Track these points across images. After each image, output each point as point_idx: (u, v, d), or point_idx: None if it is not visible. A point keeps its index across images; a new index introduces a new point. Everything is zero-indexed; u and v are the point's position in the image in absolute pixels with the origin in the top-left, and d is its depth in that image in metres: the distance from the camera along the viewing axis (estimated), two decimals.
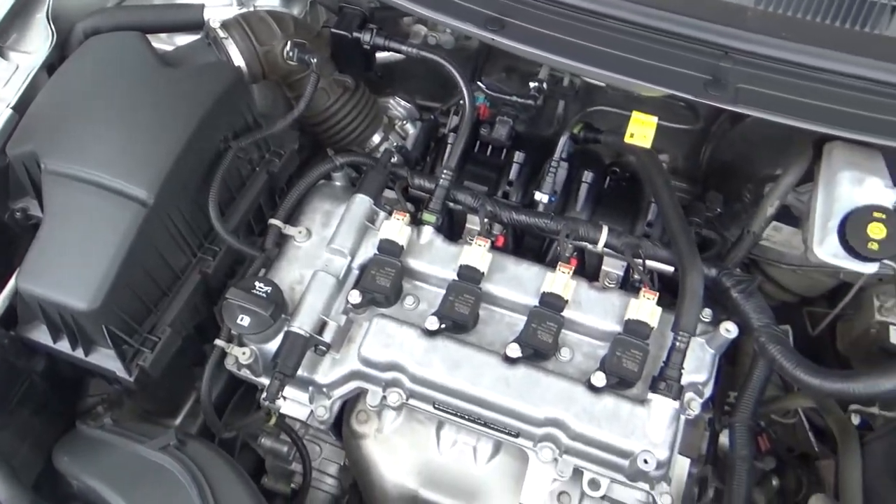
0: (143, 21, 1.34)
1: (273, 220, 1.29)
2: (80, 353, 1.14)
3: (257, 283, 1.18)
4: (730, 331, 1.18)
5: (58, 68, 1.25)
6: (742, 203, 1.59)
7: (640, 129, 1.27)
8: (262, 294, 1.17)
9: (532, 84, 1.44)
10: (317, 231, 1.31)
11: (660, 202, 1.29)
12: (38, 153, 1.13)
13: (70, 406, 1.27)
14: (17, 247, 1.19)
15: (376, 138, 1.50)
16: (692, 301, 1.16)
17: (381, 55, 1.62)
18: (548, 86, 1.57)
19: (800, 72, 1.13)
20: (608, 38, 1.17)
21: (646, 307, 1.17)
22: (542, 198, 1.35)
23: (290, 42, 1.30)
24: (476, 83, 1.47)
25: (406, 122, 1.56)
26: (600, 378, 1.14)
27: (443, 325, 1.19)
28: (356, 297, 1.21)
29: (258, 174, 1.34)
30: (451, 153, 1.32)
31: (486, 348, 1.21)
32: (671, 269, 1.29)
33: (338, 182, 1.38)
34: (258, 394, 1.21)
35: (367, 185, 1.30)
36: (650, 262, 1.30)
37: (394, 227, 1.24)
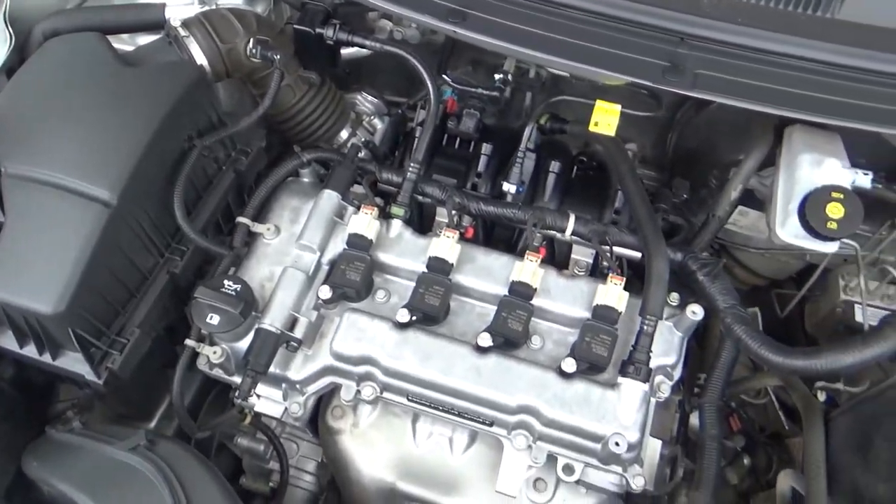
0: (102, 22, 1.33)
1: (241, 218, 1.28)
2: (48, 358, 1.13)
3: (226, 282, 1.18)
4: (696, 313, 1.20)
5: (17, 71, 1.23)
6: (708, 189, 1.61)
7: (604, 118, 1.29)
8: (232, 292, 1.17)
9: (497, 76, 1.45)
10: (285, 228, 1.31)
11: (625, 189, 1.31)
12: None
13: (40, 412, 1.26)
14: None
15: (344, 134, 1.50)
16: (658, 285, 1.18)
17: (347, 51, 1.62)
18: (514, 78, 1.58)
19: (756, 56, 1.15)
20: (568, 27, 1.18)
21: (613, 292, 1.19)
22: (509, 188, 1.36)
23: (252, 39, 1.30)
24: (441, 77, 1.48)
25: (374, 118, 1.56)
26: (570, 364, 1.15)
27: (414, 318, 1.20)
28: (326, 292, 1.21)
29: (225, 173, 1.33)
30: (418, 146, 1.32)
31: (457, 339, 1.22)
32: (639, 254, 1.30)
33: (306, 178, 1.38)
34: (231, 393, 1.20)
35: (335, 180, 1.30)
36: (618, 249, 1.32)
37: (362, 221, 1.25)
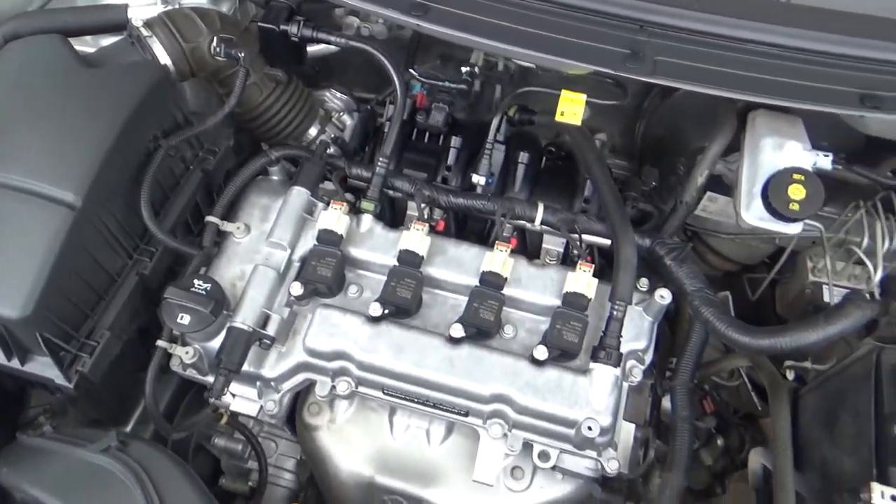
0: (64, 24, 1.32)
1: (210, 218, 1.28)
2: (16, 364, 1.12)
3: (196, 281, 1.17)
4: (664, 297, 1.22)
5: None
6: (677, 176, 1.63)
7: (570, 107, 1.30)
8: (202, 291, 1.16)
9: (464, 69, 1.45)
10: (255, 226, 1.31)
11: (592, 176, 1.32)
12: None
13: (12, 419, 1.25)
14: None
15: (313, 131, 1.49)
16: (626, 271, 1.19)
17: (315, 48, 1.62)
18: (483, 71, 1.59)
19: (716, 42, 1.17)
20: (530, 18, 1.19)
21: (582, 279, 1.20)
22: (479, 180, 1.37)
23: (216, 38, 1.29)
24: (409, 71, 1.48)
25: (343, 114, 1.56)
26: (542, 351, 1.16)
27: (386, 311, 1.20)
28: (298, 288, 1.21)
29: (193, 172, 1.33)
30: (386, 141, 1.32)
31: (430, 331, 1.22)
32: (609, 242, 1.32)
33: (275, 176, 1.38)
34: (206, 393, 1.20)
35: (304, 176, 1.30)
36: (588, 237, 1.33)
37: (331, 216, 1.25)
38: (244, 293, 1.21)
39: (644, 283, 1.28)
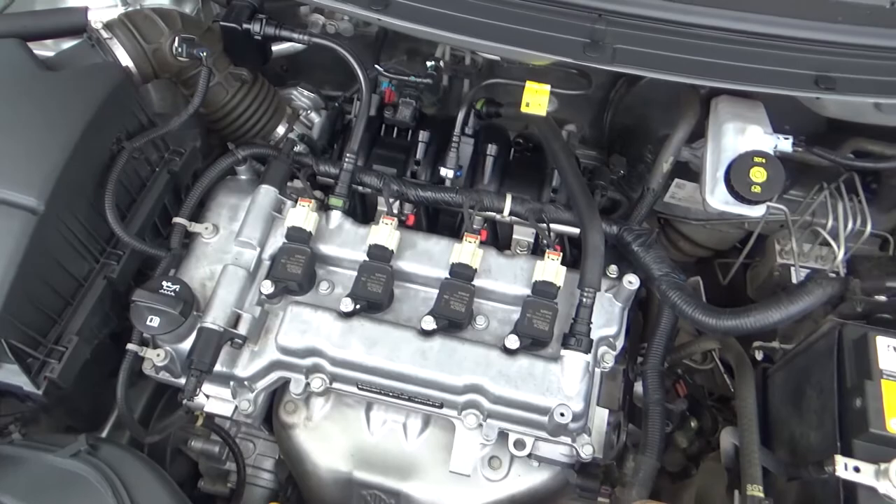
0: (23, 28, 1.30)
1: (177, 219, 1.27)
2: None
3: (164, 283, 1.17)
4: (632, 282, 1.23)
5: None
6: (645, 164, 1.65)
7: (535, 98, 1.31)
8: (171, 293, 1.16)
9: (429, 63, 1.46)
10: (224, 226, 1.30)
11: (558, 165, 1.33)
12: None
13: None
14: None
15: (281, 130, 1.49)
16: (594, 257, 1.20)
17: (282, 47, 1.61)
18: (451, 66, 1.60)
19: (673, 29, 1.18)
20: (491, 10, 1.20)
21: (551, 268, 1.21)
22: (447, 173, 1.38)
23: (177, 38, 1.28)
24: (374, 67, 1.48)
25: (311, 112, 1.56)
26: (513, 340, 1.17)
27: (357, 306, 1.20)
28: (268, 287, 1.21)
29: (159, 174, 1.32)
30: (353, 137, 1.33)
31: (402, 324, 1.23)
32: (578, 230, 1.33)
33: (243, 176, 1.38)
34: (179, 395, 1.19)
35: (271, 175, 1.30)
36: (558, 226, 1.35)
37: (300, 214, 1.25)
38: (214, 293, 1.21)
39: (613, 270, 1.30)
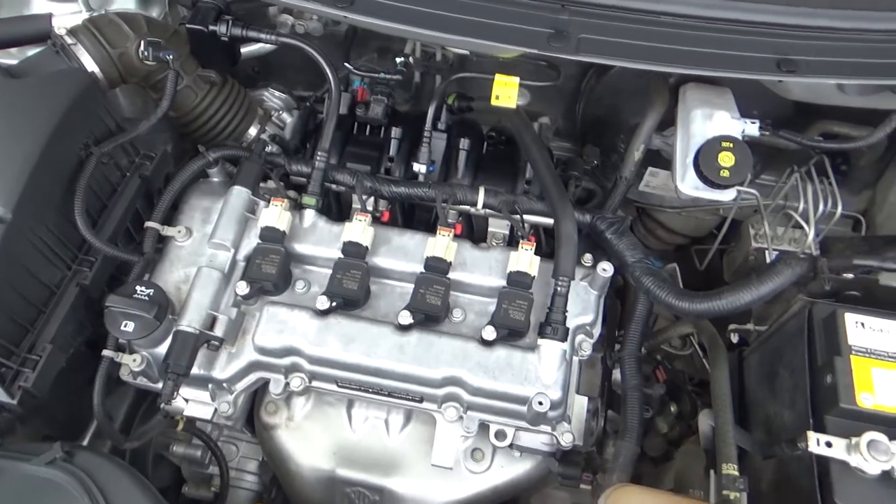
0: None
1: (149, 223, 1.27)
2: None
3: (138, 287, 1.16)
4: (606, 270, 1.24)
5: None
6: (618, 153, 1.66)
7: (504, 91, 1.31)
8: (144, 297, 1.16)
9: (398, 60, 1.46)
10: (197, 229, 1.30)
11: (529, 156, 1.34)
12: None
13: None
14: None
15: (252, 131, 1.49)
16: (567, 246, 1.21)
17: (253, 48, 1.61)
18: (422, 62, 1.60)
19: (636, 17, 1.19)
20: (455, 4, 1.20)
21: (525, 258, 1.22)
22: (419, 168, 1.38)
23: (143, 42, 1.28)
24: (344, 66, 1.48)
25: (283, 112, 1.55)
26: (490, 332, 1.18)
27: (334, 304, 1.20)
28: (243, 287, 1.21)
29: (130, 179, 1.31)
30: (323, 135, 1.33)
31: (379, 320, 1.23)
32: (552, 220, 1.34)
33: (215, 178, 1.37)
34: (157, 399, 1.19)
35: (243, 176, 1.30)
36: (532, 217, 1.35)
37: (272, 213, 1.25)
38: (188, 296, 1.20)
39: (588, 258, 1.30)
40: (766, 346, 1.23)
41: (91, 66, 1.26)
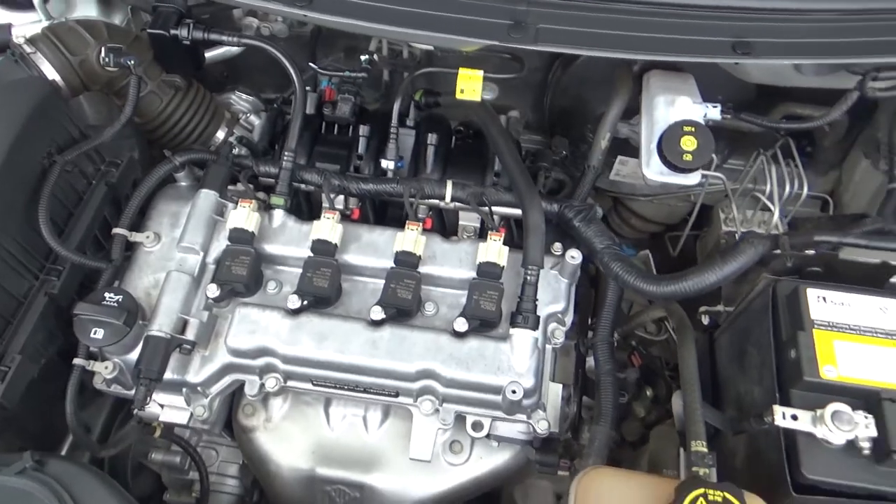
0: None
1: (117, 230, 1.26)
2: None
3: (107, 294, 1.16)
4: (574, 257, 1.25)
5: None
6: (587, 143, 1.67)
7: (469, 84, 1.32)
8: (113, 303, 1.15)
9: (363, 57, 1.46)
10: (166, 234, 1.30)
11: (496, 147, 1.35)
12: None
13: None
14: None
15: (220, 134, 1.48)
16: (535, 235, 1.22)
17: (219, 52, 1.61)
18: (389, 59, 1.61)
19: (594, 5, 1.20)
20: None
21: (493, 248, 1.23)
22: (388, 164, 1.39)
23: (103, 48, 1.28)
24: (309, 65, 1.48)
25: (251, 115, 1.55)
26: (461, 323, 1.18)
27: (305, 302, 1.21)
28: (214, 290, 1.21)
29: (96, 187, 1.31)
30: (289, 135, 1.33)
31: (352, 317, 1.23)
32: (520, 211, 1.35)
33: (183, 182, 1.37)
34: (130, 405, 1.18)
35: (211, 179, 1.30)
36: (502, 209, 1.36)
37: (241, 215, 1.24)
38: (158, 300, 1.20)
39: (557, 247, 1.31)
40: (735, 326, 1.24)
41: (52, 74, 1.25)
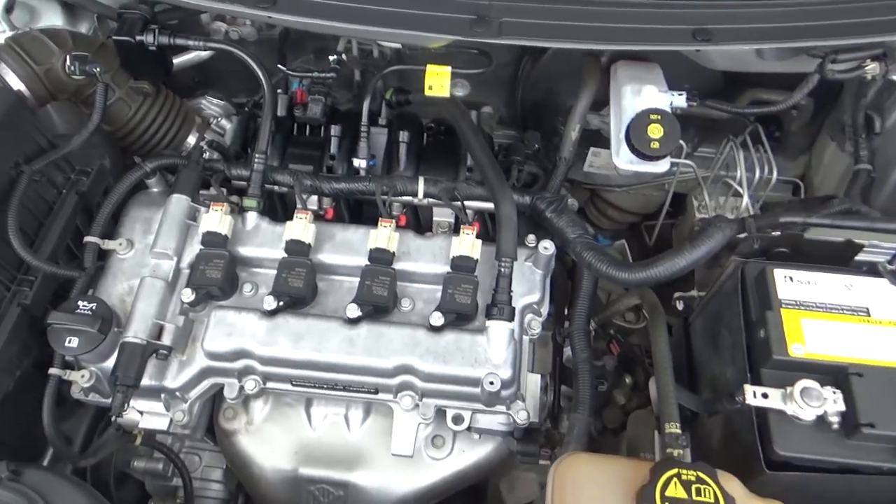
0: None
1: (88, 238, 1.26)
2: None
3: (80, 303, 1.16)
4: (547, 248, 1.27)
5: None
6: (560, 136, 1.69)
7: (437, 80, 1.33)
8: (87, 311, 1.15)
9: (331, 57, 1.47)
10: (139, 240, 1.29)
11: (466, 142, 1.36)
12: None
13: None
14: None
15: (191, 140, 1.48)
16: (508, 227, 1.23)
17: (189, 57, 1.61)
18: (360, 59, 1.61)
19: None
20: None
21: (466, 242, 1.23)
22: (360, 163, 1.39)
23: (69, 56, 1.27)
24: (278, 67, 1.49)
25: (221, 119, 1.56)
26: (437, 317, 1.19)
27: (281, 303, 1.21)
28: (188, 294, 1.20)
29: (66, 196, 1.30)
30: (260, 137, 1.33)
31: (328, 316, 1.23)
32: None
33: (154, 188, 1.36)
34: (109, 413, 1.18)
35: (181, 183, 1.29)
36: (475, 203, 1.37)
37: (213, 218, 1.24)
38: (133, 307, 1.20)
39: (531, 239, 1.32)
40: (708, 310, 1.26)
41: (17, 84, 1.25)
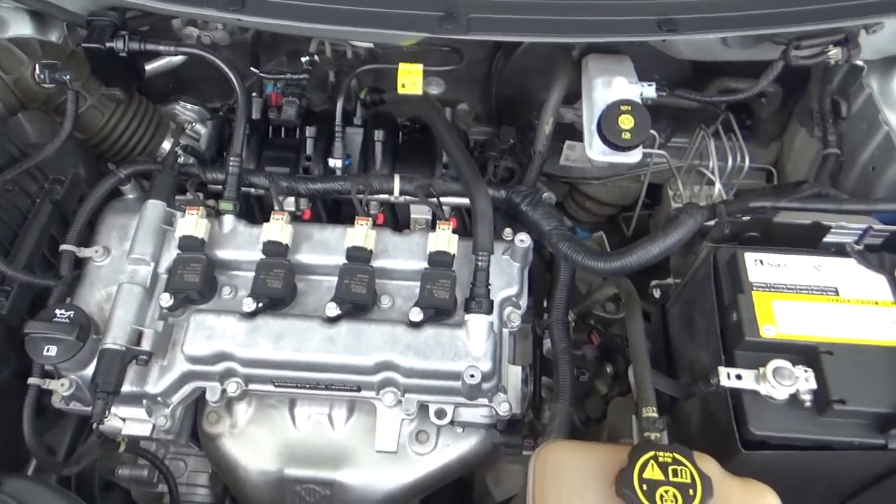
0: None
1: (64, 246, 1.25)
2: None
3: (58, 311, 1.15)
4: (524, 241, 1.28)
5: None
6: (534, 131, 1.70)
7: (409, 78, 1.34)
8: (65, 320, 1.15)
9: (304, 59, 1.47)
10: (115, 247, 1.29)
11: (440, 138, 1.37)
12: None
13: None
14: None
15: (166, 145, 1.48)
16: (483, 221, 1.24)
17: (162, 63, 1.60)
18: (334, 60, 1.62)
19: None
20: None
21: (443, 237, 1.24)
22: (335, 163, 1.40)
23: (38, 65, 1.27)
24: (251, 70, 1.49)
25: (196, 124, 1.55)
26: (416, 313, 1.20)
27: (260, 304, 1.21)
28: (167, 299, 1.20)
29: (41, 205, 1.30)
30: (234, 140, 1.33)
31: (308, 315, 1.24)
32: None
33: (130, 195, 1.36)
34: (91, 420, 1.18)
35: (157, 188, 1.29)
36: (451, 199, 1.38)
37: (189, 222, 1.24)
38: (111, 313, 1.19)
39: (508, 232, 1.33)
40: (683, 296, 1.28)
41: None
